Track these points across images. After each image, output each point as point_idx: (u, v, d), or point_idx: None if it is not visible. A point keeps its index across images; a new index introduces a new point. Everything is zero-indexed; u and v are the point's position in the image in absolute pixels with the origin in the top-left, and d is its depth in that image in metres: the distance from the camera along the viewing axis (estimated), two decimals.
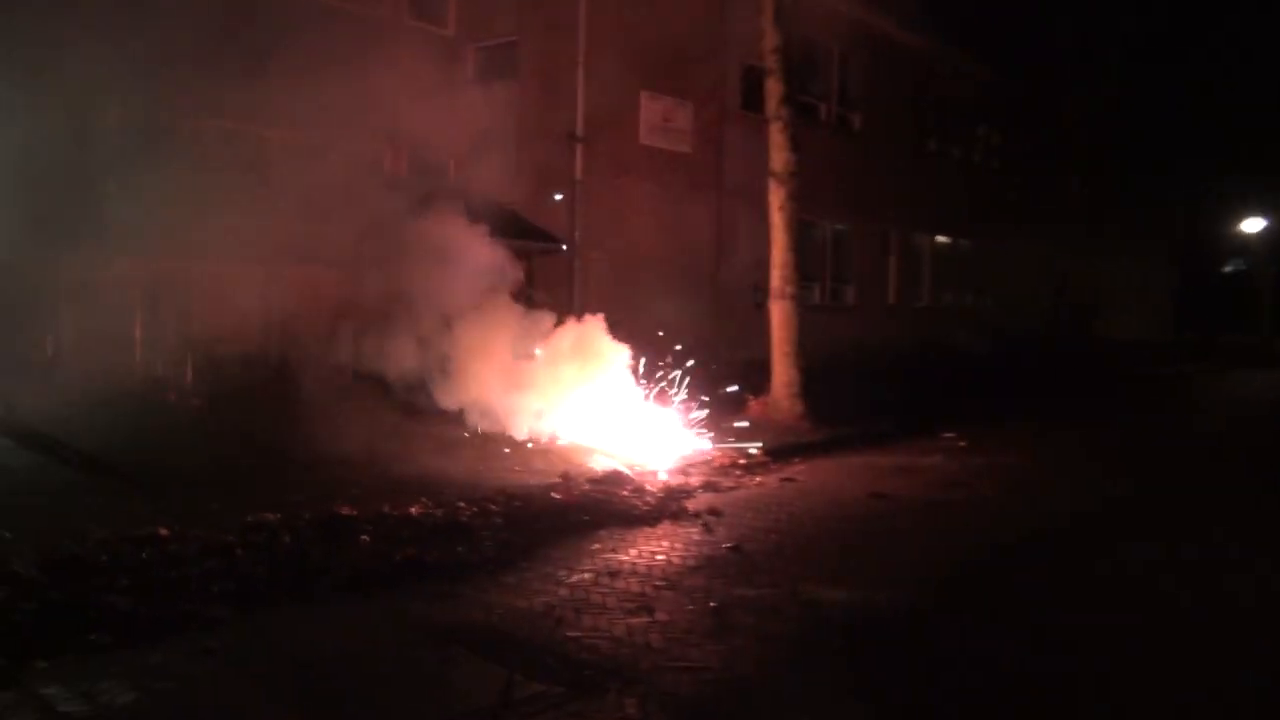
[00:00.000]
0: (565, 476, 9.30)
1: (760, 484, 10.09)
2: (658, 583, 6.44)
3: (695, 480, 9.91)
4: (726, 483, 10.05)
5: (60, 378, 13.56)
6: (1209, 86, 30.46)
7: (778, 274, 13.39)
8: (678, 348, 16.22)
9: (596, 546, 7.36)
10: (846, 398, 15.57)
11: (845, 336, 21.63)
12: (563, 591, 6.23)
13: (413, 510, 7.71)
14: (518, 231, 17.72)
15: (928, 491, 9.73)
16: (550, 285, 17.47)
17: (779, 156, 13.35)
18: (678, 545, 7.44)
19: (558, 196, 16.35)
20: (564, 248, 17.37)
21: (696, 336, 18.97)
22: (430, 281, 10.92)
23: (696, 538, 7.70)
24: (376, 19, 17.30)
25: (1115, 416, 17.11)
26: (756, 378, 17.96)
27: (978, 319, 26.18)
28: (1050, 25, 26.29)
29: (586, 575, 6.60)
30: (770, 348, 13.63)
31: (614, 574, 6.61)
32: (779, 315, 13.38)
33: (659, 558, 7.07)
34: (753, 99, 20.05)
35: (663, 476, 9.94)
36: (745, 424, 13.03)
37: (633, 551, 7.22)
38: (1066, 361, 23.84)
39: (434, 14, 18.40)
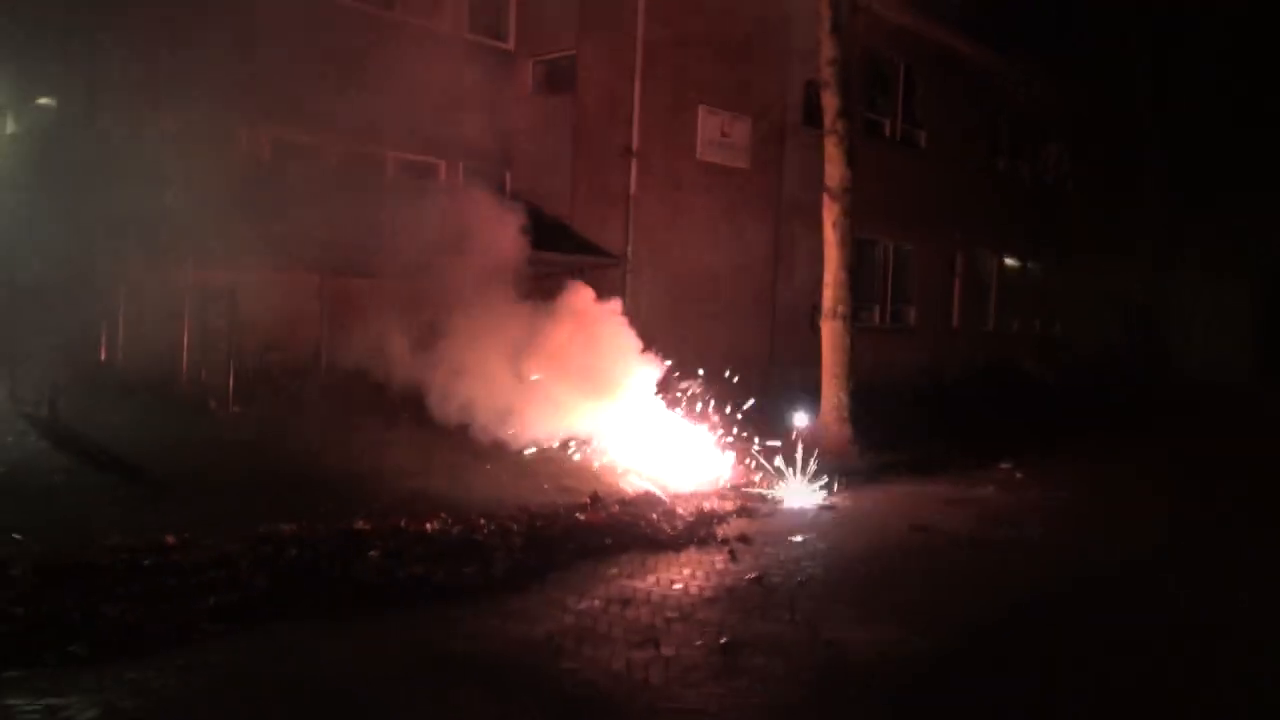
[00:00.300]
0: (594, 497, 9.02)
1: (797, 511, 9.70)
2: (670, 614, 6.11)
3: (730, 505, 9.56)
4: (763, 508, 9.69)
5: (109, 380, 13.69)
6: None
7: (830, 293, 12.97)
8: (727, 371, 15.95)
9: (614, 571, 7.06)
10: (900, 423, 15.07)
11: (905, 360, 21.08)
12: (568, 619, 5.95)
13: (428, 526, 7.49)
14: (570, 245, 17.58)
15: (972, 527, 9.23)
16: (603, 302, 17.26)
17: (834, 171, 12.95)
18: (699, 574, 7.11)
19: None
20: (617, 262, 17.14)
21: (753, 356, 18.71)
22: (471, 294, 10.76)
23: (720, 566, 7.35)
24: (436, 33, 17.30)
25: (1185, 452, 16.30)
26: (811, 399, 17.59)
27: (1046, 346, 25.37)
28: (1128, 38, 25.42)
29: (597, 602, 6.30)
30: (821, 369, 13.19)
31: (626, 602, 6.30)
32: (830, 336, 12.96)
33: (676, 586, 6.74)
34: (814, 115, 19.62)
35: (697, 500, 9.60)
36: (790, 448, 12.64)
37: (650, 578, 6.91)
38: (1138, 393, 22.96)
39: (494, 28, 18.36)
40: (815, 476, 11.29)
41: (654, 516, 8.69)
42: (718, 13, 16.84)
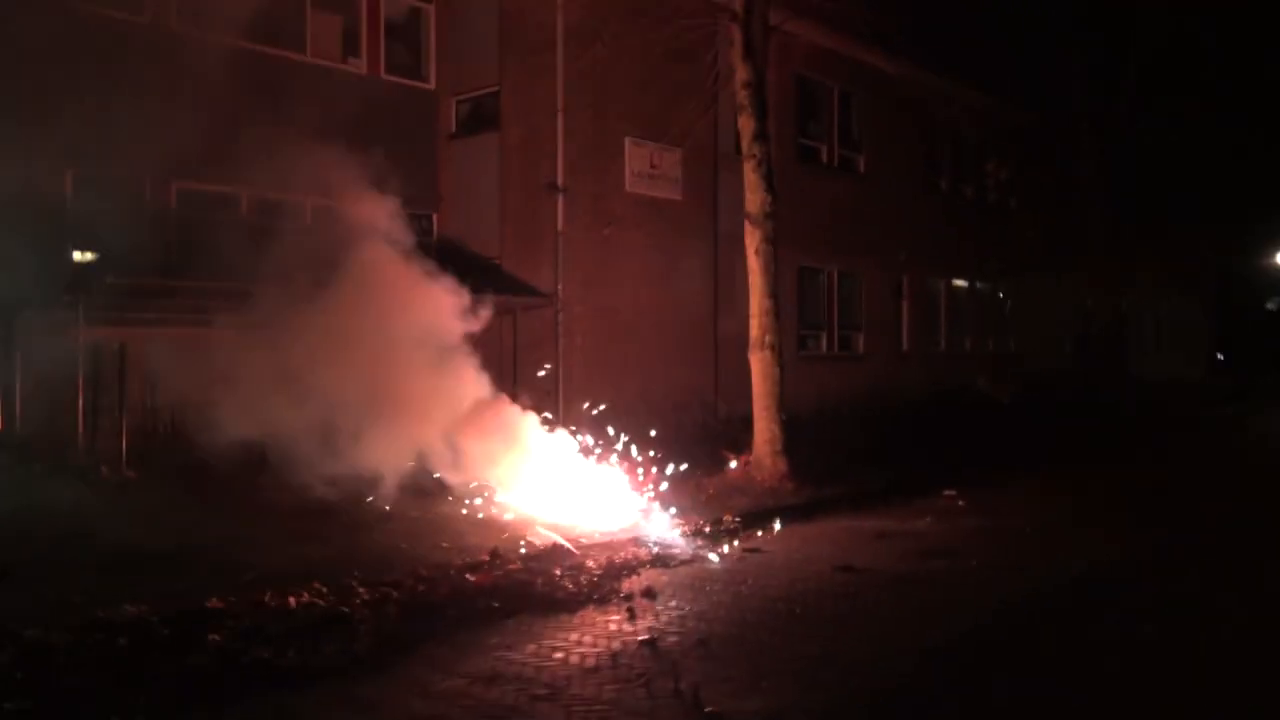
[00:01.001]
0: (494, 554, 8.29)
1: (723, 556, 9.01)
2: (539, 691, 5.39)
3: (645, 554, 8.85)
4: (682, 555, 8.99)
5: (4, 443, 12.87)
6: (1242, 116, 29.09)
7: (755, 323, 12.37)
8: (668, 408, 15.25)
9: (494, 641, 6.34)
10: (842, 453, 14.48)
11: (855, 386, 20.53)
12: (419, 706, 5.22)
13: (292, 601, 6.73)
14: (499, 285, 16.93)
15: (904, 563, 8.59)
16: (536, 342, 16.62)
17: (753, 197, 12.41)
18: (588, 638, 6.39)
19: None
20: (548, 301, 16.50)
21: (696, 391, 18.07)
22: (372, 338, 10.06)
23: (614, 628, 6.64)
24: (351, 76, 16.73)
25: (1140, 467, 15.79)
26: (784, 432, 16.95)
27: (999, 364, 24.91)
28: (1064, 55, 25.21)
29: (460, 681, 5.57)
30: (752, 402, 12.56)
31: (492, 680, 5.58)
32: (758, 367, 12.35)
33: (557, 655, 6.03)
34: None
35: (610, 551, 8.89)
36: (723, 487, 12.00)
37: (531, 647, 6.19)
38: (1093, 407, 22.49)
39: (413, 68, 17.81)
40: (745, 517, 10.66)
41: (557, 573, 7.98)
42: (641, 43, 16.33)
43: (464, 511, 9.85)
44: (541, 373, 15.66)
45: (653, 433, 15.92)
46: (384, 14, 17.14)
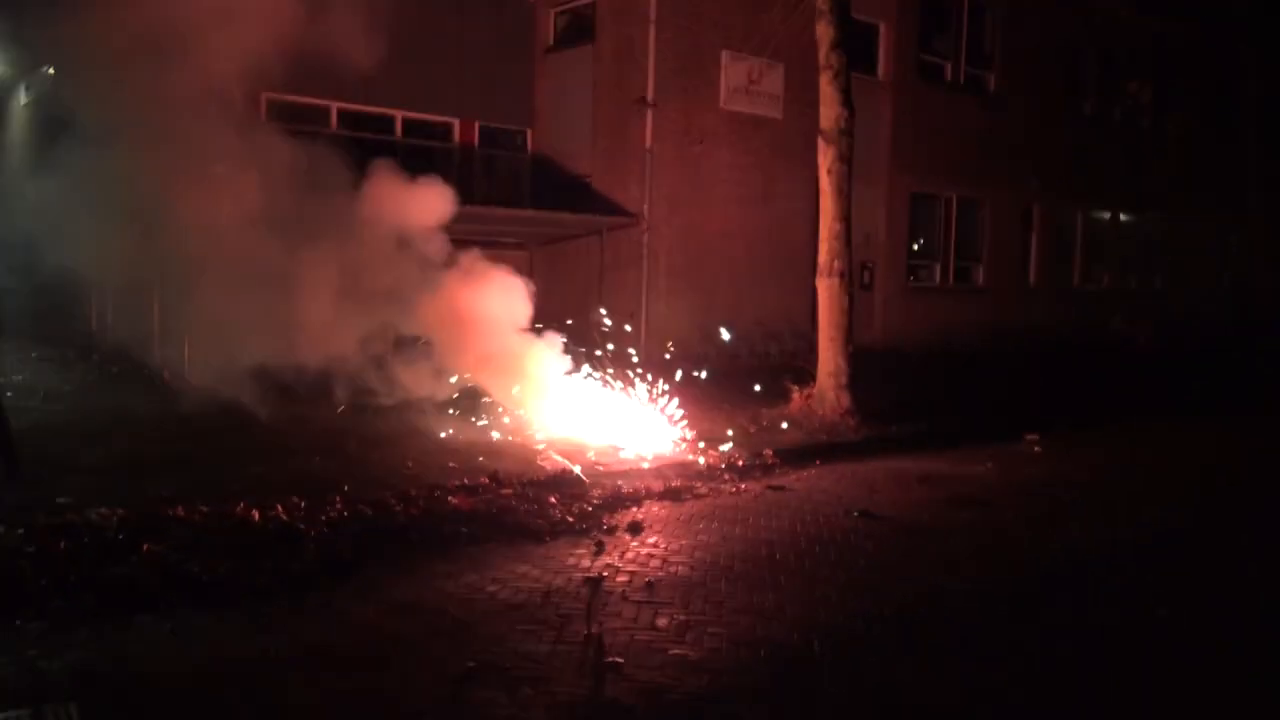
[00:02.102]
0: (494, 477, 7.96)
1: (740, 492, 8.45)
2: (444, 624, 5.04)
3: (657, 486, 8.36)
4: (701, 488, 8.48)
5: (94, 352, 13.36)
6: None
7: (825, 247, 11.50)
8: (727, 335, 14.57)
9: (441, 569, 6.00)
10: (927, 390, 13.54)
11: (971, 321, 19.27)
12: (314, 633, 4.95)
13: (255, 514, 6.57)
14: (586, 205, 16.47)
15: (928, 512, 7.82)
16: (624, 262, 16.15)
17: (828, 111, 11.45)
18: (535, 571, 5.99)
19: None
20: (635, 221, 15.95)
21: (792, 321, 17.25)
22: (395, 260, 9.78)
23: (571, 562, 6.21)
24: None
25: (1259, 421, 14.13)
26: (858, 365, 16.08)
27: (1141, 303, 22.96)
28: None
29: (375, 609, 5.28)
30: (819, 332, 11.77)
31: (408, 610, 5.26)
32: (825, 295, 11.51)
33: (490, 588, 5.64)
34: (861, 57, 18.02)
35: (624, 480, 8.45)
36: (779, 420, 11.34)
37: (471, 578, 5.82)
38: (1244, 355, 20.48)
39: None
40: (790, 453, 10.03)
41: (552, 500, 7.59)
42: None
43: (495, 435, 9.57)
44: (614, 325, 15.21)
45: (727, 361, 15.38)
46: None
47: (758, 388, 12.06)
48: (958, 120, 19.22)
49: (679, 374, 10.62)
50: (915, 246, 19.33)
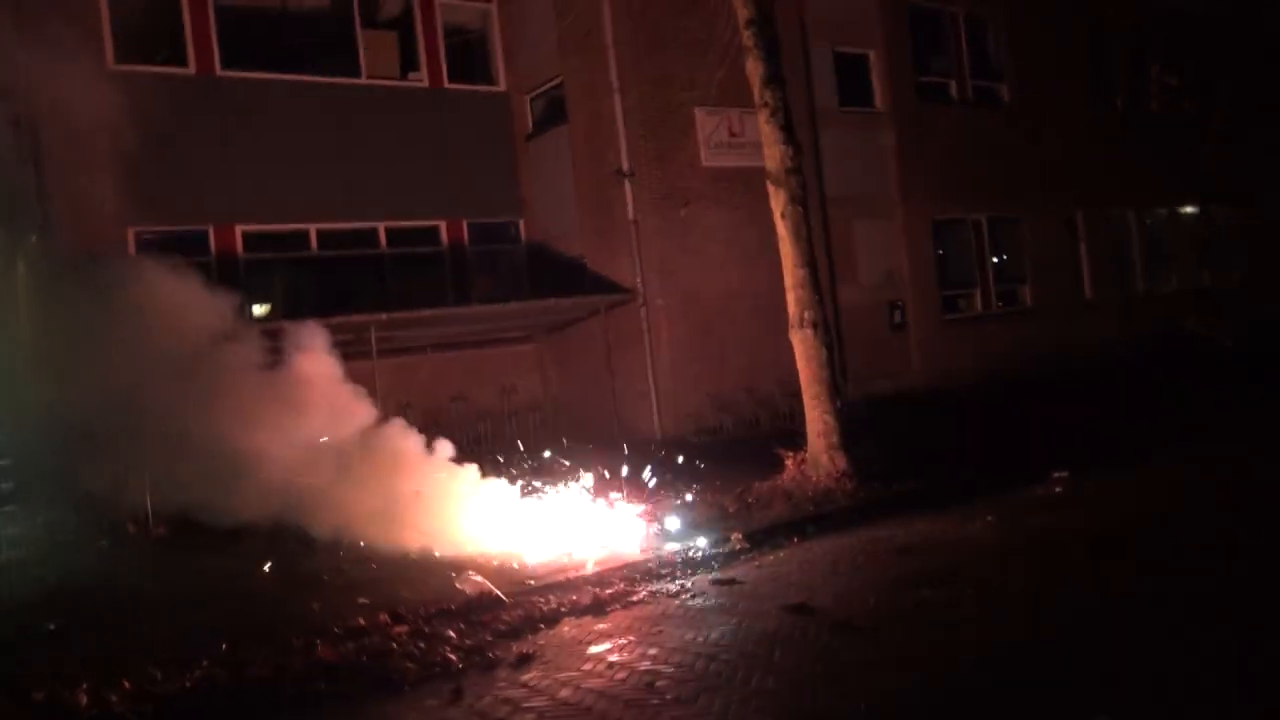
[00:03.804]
0: (394, 614, 7.04)
1: (680, 592, 7.36)
2: None
3: (585, 598, 7.34)
4: (638, 593, 7.41)
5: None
6: None
7: (792, 297, 10.42)
8: (749, 407, 13.47)
9: None
10: (949, 434, 12.20)
11: (1021, 346, 17.69)
12: None
13: (81, 697, 5.80)
14: (581, 286, 15.73)
15: (882, 596, 6.57)
16: (626, 341, 15.29)
17: (771, 152, 10.49)
18: None
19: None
20: (631, 296, 15.11)
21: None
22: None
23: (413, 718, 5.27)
24: (412, 90, 16.05)
25: None
26: (895, 413, 14.78)
27: (1217, 302, 20.91)
28: None
29: None
30: (802, 390, 10.63)
31: None
32: (801, 349, 10.40)
33: None
34: (851, 91, 17.06)
35: (547, 595, 7.45)
36: (769, 493, 10.19)
37: None
38: None
39: (480, 72, 16.93)
40: (767, 531, 8.92)
41: (451, 634, 6.64)
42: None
43: (428, 557, 8.67)
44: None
45: (745, 429, 14.28)
46: (441, 21, 16.35)
47: (766, 456, 10.99)
48: (973, 138, 17.95)
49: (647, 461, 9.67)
50: (948, 276, 17.95)
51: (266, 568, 8.60)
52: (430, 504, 9.22)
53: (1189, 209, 21.77)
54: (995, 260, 18.43)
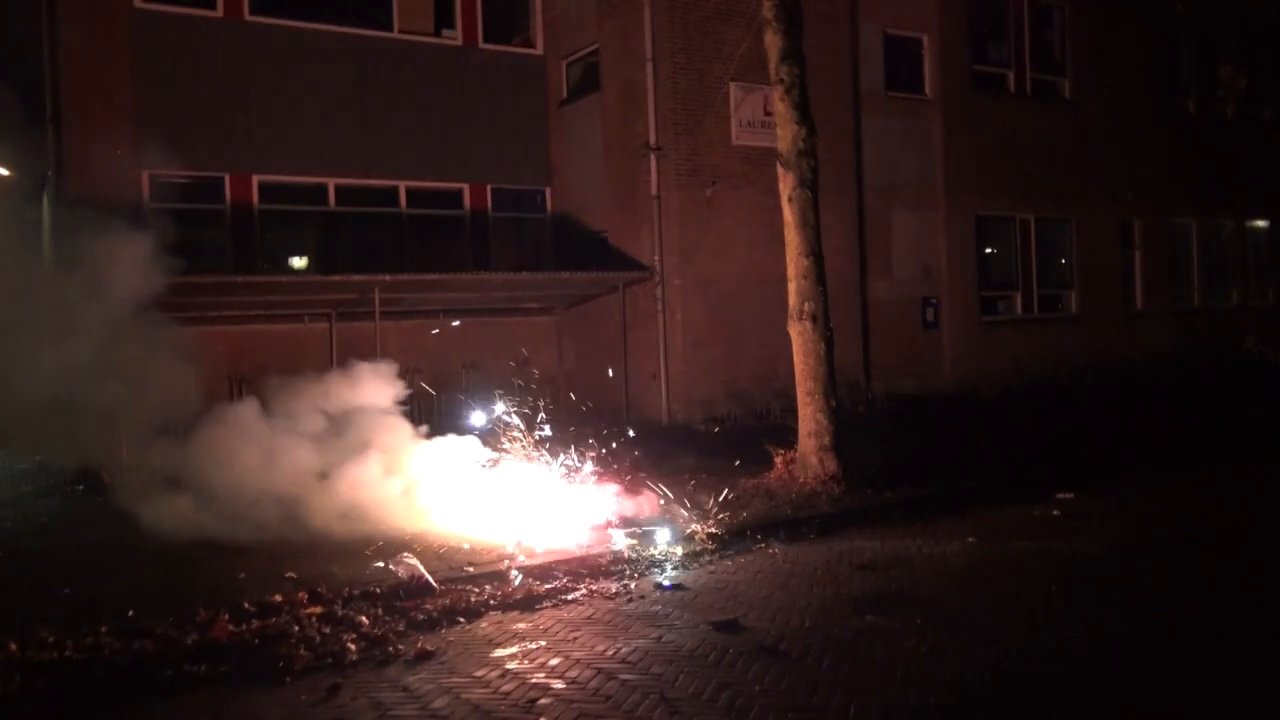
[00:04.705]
0: (313, 593, 6.65)
1: (620, 594, 6.83)
2: None
3: (519, 592, 6.85)
4: (577, 591, 6.91)
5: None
6: None
7: (793, 287, 9.77)
8: (762, 398, 12.78)
9: None
10: (963, 442, 11.49)
11: (1063, 355, 16.78)
12: None
13: None
14: (601, 262, 15.19)
15: (827, 618, 6.00)
16: (642, 320, 14.75)
17: (784, 132, 9.81)
18: None
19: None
20: (649, 275, 14.56)
21: (837, 369, 15.25)
22: None
23: (279, 713, 4.84)
24: (445, 48, 15.59)
25: None
26: (922, 415, 14.09)
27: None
28: None
29: None
30: (797, 385, 9.99)
31: None
32: (798, 342, 9.76)
33: None
34: (900, 75, 16.22)
35: (479, 585, 7.00)
36: (750, 491, 9.62)
37: None
38: None
39: (518, 33, 16.40)
40: (742, 531, 8.37)
41: (364, 619, 6.22)
42: None
43: (380, 531, 8.26)
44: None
45: (754, 420, 13.67)
46: None
47: (767, 450, 10.42)
48: (1027, 134, 16.99)
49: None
50: (988, 276, 17.08)
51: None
52: (402, 475, 8.88)
53: (1258, 223, 20.49)
54: (1040, 262, 17.44)
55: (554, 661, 5.42)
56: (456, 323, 14.52)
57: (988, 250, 16.96)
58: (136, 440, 9.02)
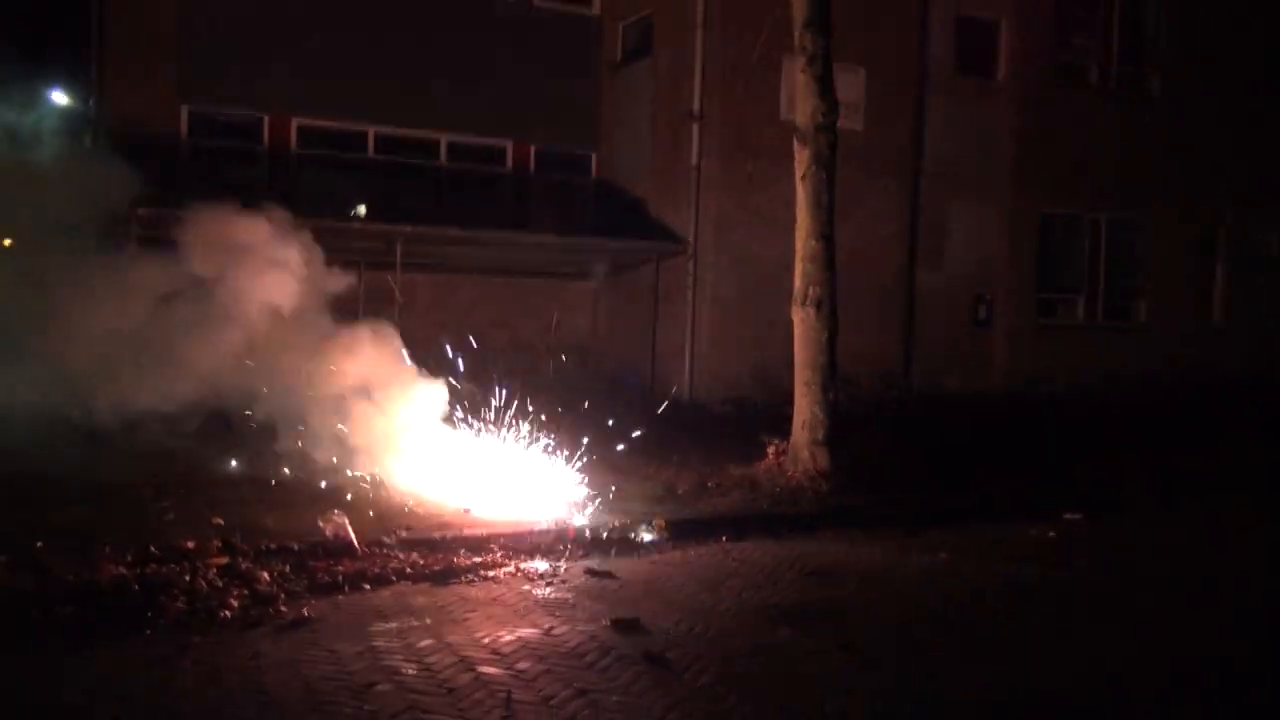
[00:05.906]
0: (226, 541, 6.39)
1: (544, 576, 6.43)
2: None
3: (438, 563, 6.49)
4: (503, 568, 6.56)
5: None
6: None
7: (799, 270, 9.16)
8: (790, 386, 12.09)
9: None
10: (985, 450, 10.72)
11: (1129, 366, 15.61)
12: None
13: None
14: (641, 230, 14.68)
15: (743, 625, 5.49)
16: (674, 294, 14.25)
17: (804, 105, 9.16)
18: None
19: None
20: (683, 249, 14.02)
21: (868, 360, 14.44)
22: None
23: (104, 669, 4.56)
24: (506, 2, 15.18)
25: None
26: (960, 415, 13.30)
27: None
28: None
29: None
30: (795, 373, 9.40)
31: None
32: (800, 329, 9.16)
33: None
34: (969, 58, 15.28)
35: (414, 552, 6.67)
36: (734, 480, 9.09)
37: None
38: None
39: None
40: (708, 523, 7.88)
41: (264, 575, 5.92)
42: None
43: (331, 482, 7.98)
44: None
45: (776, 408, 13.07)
46: None
47: (761, 438, 9.89)
48: (1107, 130, 15.81)
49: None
50: (1049, 276, 16.06)
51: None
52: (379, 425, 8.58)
53: None
54: (1109, 266, 16.33)
55: (423, 643, 5.03)
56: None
57: (1051, 249, 15.90)
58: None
